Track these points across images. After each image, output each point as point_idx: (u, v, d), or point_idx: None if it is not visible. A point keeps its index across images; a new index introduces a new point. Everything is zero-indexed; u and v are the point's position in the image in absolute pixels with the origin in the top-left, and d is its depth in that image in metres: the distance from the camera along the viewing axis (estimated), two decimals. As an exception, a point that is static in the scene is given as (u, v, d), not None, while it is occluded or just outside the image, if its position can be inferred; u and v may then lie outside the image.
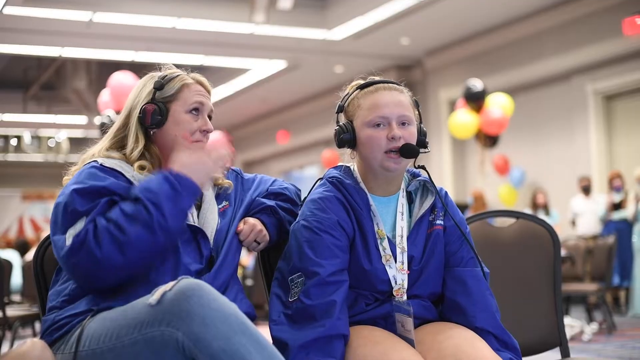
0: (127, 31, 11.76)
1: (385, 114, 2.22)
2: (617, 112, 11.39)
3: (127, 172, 2.18)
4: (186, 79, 2.31)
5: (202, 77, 2.37)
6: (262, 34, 12.06)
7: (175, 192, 2.05)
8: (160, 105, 2.26)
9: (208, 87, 2.37)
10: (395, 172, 2.24)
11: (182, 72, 2.34)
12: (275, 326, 2.11)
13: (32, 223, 23.20)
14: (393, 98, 2.25)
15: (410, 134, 2.23)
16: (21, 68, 15.03)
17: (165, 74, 2.33)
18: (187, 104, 2.27)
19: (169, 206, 2.03)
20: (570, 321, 7.50)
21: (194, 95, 2.29)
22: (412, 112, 2.27)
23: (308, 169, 19.10)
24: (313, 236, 2.16)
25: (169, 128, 2.26)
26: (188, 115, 2.27)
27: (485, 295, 2.24)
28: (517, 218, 2.75)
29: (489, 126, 9.69)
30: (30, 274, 7.13)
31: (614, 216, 9.96)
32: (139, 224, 1.99)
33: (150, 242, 2.00)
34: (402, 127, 2.22)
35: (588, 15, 10.98)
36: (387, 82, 2.32)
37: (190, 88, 2.30)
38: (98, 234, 1.98)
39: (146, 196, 2.02)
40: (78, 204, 2.05)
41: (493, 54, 12.56)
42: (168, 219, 2.02)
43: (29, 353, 1.71)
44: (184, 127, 2.26)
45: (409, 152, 2.20)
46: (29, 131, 19.44)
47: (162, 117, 2.25)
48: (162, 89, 2.28)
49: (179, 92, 2.28)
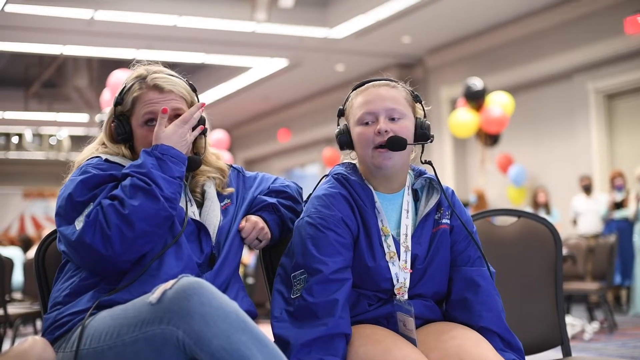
0: (128, 29, 11.75)
1: (371, 110, 2.22)
2: (619, 111, 11.38)
3: None
4: (137, 92, 2.26)
5: (159, 78, 2.28)
6: (263, 32, 12.05)
7: (160, 161, 2.11)
8: (122, 121, 2.27)
9: (168, 88, 2.27)
10: (388, 168, 2.22)
11: (139, 75, 2.29)
12: (277, 323, 2.10)
13: (34, 221, 23.19)
14: (380, 94, 2.25)
15: (402, 128, 2.21)
16: (22, 66, 15.02)
17: (125, 84, 2.31)
18: (139, 118, 2.26)
19: (159, 174, 2.07)
20: (572, 320, 7.49)
21: (143, 107, 2.25)
22: (405, 106, 2.25)
23: (309, 167, 19.10)
24: (317, 233, 2.15)
25: (136, 142, 2.28)
26: (143, 129, 2.25)
27: (492, 294, 2.24)
28: (519, 217, 2.74)
29: (489, 125, 9.69)
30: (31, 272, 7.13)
31: (616, 215, 9.96)
32: (139, 195, 2.04)
33: (154, 209, 2.04)
34: (391, 122, 2.21)
35: (589, 14, 10.97)
36: (379, 80, 2.31)
37: (142, 99, 2.26)
38: (105, 212, 2.02)
39: (135, 171, 2.08)
40: (84, 194, 2.08)
41: (494, 53, 12.55)
42: (162, 185, 2.07)
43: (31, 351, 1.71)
44: (143, 143, 2.25)
45: (396, 145, 2.18)
46: (31, 129, 19.46)
47: (126, 134, 2.26)
48: (122, 104, 2.28)
49: (134, 105, 2.27)
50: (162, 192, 2.06)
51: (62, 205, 2.10)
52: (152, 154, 2.12)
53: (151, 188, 2.04)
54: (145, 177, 2.06)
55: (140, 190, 2.04)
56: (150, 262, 2.07)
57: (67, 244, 2.06)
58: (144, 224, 2.03)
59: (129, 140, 2.27)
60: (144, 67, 2.33)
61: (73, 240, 2.03)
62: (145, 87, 2.26)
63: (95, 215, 2.01)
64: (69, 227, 2.05)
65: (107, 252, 2.01)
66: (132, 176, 2.07)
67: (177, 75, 2.35)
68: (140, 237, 2.03)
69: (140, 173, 2.07)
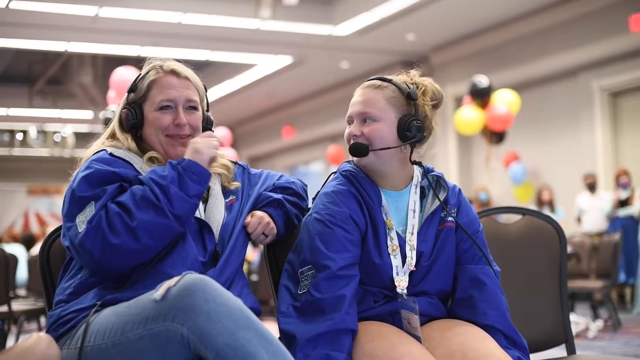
0: (132, 26, 11.76)
1: (349, 113, 2.30)
2: (623, 109, 11.35)
3: (135, 162, 2.20)
4: (154, 75, 2.28)
5: (177, 65, 2.32)
6: (268, 29, 12.04)
7: (180, 176, 2.08)
8: (135, 108, 2.27)
9: (185, 74, 2.32)
10: (364, 166, 2.27)
11: (157, 65, 2.31)
12: (284, 318, 2.11)
13: (38, 217, 23.20)
14: (359, 97, 2.29)
15: (372, 130, 2.23)
16: (27, 62, 15.04)
17: (140, 72, 2.33)
18: (155, 103, 2.26)
19: (175, 190, 2.04)
20: (576, 318, 7.49)
21: (160, 92, 2.26)
22: (384, 107, 2.25)
23: (313, 164, 19.09)
24: (325, 229, 2.16)
25: (146, 128, 2.28)
26: (157, 113, 2.26)
27: (496, 293, 2.24)
28: (524, 214, 2.74)
29: (495, 122, 9.67)
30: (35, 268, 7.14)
31: (620, 213, 9.95)
32: (149, 209, 2.01)
33: (162, 225, 2.02)
34: (363, 125, 2.25)
35: (594, 11, 10.94)
36: (371, 80, 2.33)
37: (158, 83, 2.27)
38: (110, 220, 2.00)
39: (153, 180, 2.05)
40: (85, 189, 2.07)
41: (499, 50, 12.53)
42: (175, 204, 2.04)
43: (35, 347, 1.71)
44: (155, 126, 2.25)
45: (355, 151, 2.24)
46: (35, 126, 19.48)
47: (137, 120, 2.26)
48: (136, 90, 2.29)
49: (149, 90, 2.27)
50: (172, 209, 2.03)
51: (64, 201, 2.11)
52: (175, 168, 2.09)
53: (161, 204, 2.02)
54: (159, 190, 2.03)
55: (150, 204, 2.02)
56: (154, 261, 2.06)
57: (70, 244, 2.06)
58: (149, 239, 2.01)
59: (139, 127, 2.27)
60: (160, 60, 2.34)
61: (74, 243, 2.02)
62: (162, 72, 2.28)
63: (98, 222, 1.99)
64: (72, 226, 2.05)
65: (107, 263, 2.01)
66: (147, 186, 2.05)
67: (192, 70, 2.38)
68: (143, 251, 2.02)
69: (157, 184, 2.04)
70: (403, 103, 2.27)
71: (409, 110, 2.27)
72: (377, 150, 2.23)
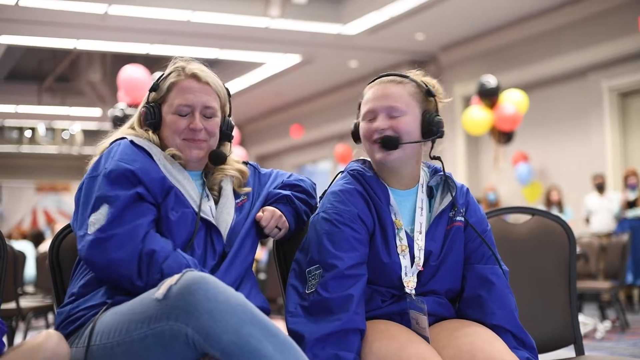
0: (142, 24, 11.77)
1: (372, 107, 2.26)
2: (633, 110, 11.32)
3: (155, 154, 2.20)
4: (175, 78, 2.28)
5: (198, 69, 2.31)
6: (277, 28, 12.05)
7: None
8: (154, 108, 2.27)
9: (205, 79, 2.30)
10: (387, 163, 2.24)
11: (179, 66, 2.30)
12: (292, 318, 2.10)
13: (46, 214, 23.25)
14: (381, 91, 2.27)
15: (400, 124, 2.22)
16: (36, 60, 15.07)
17: (163, 72, 2.33)
18: (173, 106, 2.26)
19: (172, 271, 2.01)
20: (583, 319, 7.47)
21: (179, 95, 2.26)
22: (409, 102, 2.25)
23: (321, 163, 19.08)
24: (333, 229, 2.16)
25: (164, 129, 2.28)
26: (174, 116, 2.26)
27: (505, 293, 2.24)
28: (533, 215, 2.73)
29: (503, 122, 9.65)
30: (43, 265, 7.16)
31: (629, 214, 9.92)
32: None
33: None
34: (390, 119, 2.23)
35: (604, 12, 10.91)
36: (389, 75, 2.32)
37: (178, 86, 2.27)
38: (123, 242, 2.01)
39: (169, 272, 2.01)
40: (103, 188, 2.08)
41: (508, 50, 12.51)
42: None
43: (45, 344, 1.71)
44: (172, 128, 2.25)
45: (388, 143, 2.21)
46: (44, 123, 19.50)
47: (155, 120, 2.26)
48: (157, 90, 2.29)
49: (168, 92, 2.28)
50: None
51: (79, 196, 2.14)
52: None
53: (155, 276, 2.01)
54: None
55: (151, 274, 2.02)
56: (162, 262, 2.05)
57: (78, 242, 2.07)
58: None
59: (157, 127, 2.28)
60: (185, 61, 2.34)
61: (85, 249, 2.03)
62: (184, 75, 2.28)
63: (109, 238, 2.01)
64: (82, 227, 2.06)
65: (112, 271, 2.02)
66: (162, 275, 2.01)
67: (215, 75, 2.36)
68: (148, 285, 2.01)
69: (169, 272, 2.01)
70: (423, 99, 2.29)
71: (428, 106, 2.28)
72: (406, 144, 2.23)
